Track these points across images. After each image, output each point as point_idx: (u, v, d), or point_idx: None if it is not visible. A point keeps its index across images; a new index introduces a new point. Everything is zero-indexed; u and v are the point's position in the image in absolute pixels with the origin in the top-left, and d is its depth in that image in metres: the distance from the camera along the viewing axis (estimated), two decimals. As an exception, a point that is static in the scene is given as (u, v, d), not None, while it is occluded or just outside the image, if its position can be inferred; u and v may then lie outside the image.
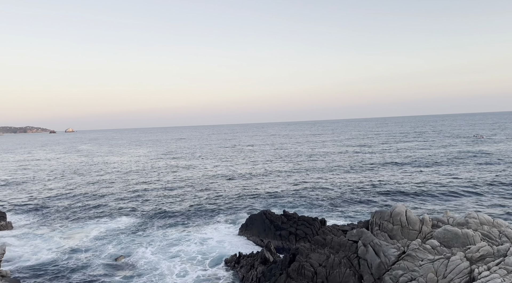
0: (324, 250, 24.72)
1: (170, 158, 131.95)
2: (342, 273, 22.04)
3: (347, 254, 23.71)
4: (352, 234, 24.87)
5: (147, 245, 38.65)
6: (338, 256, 23.57)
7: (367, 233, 23.88)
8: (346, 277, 21.83)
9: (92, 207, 57.64)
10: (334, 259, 23.15)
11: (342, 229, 28.79)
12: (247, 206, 54.16)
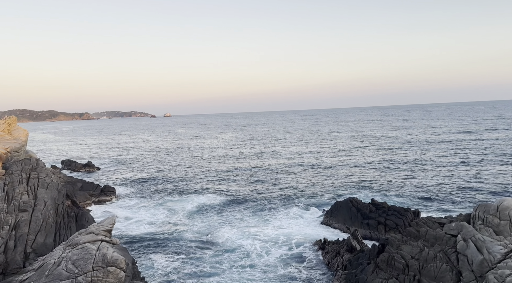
0: (417, 243, 23.06)
1: (254, 142, 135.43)
2: (438, 267, 20.34)
3: (443, 248, 21.77)
4: (450, 228, 22.70)
5: (231, 224, 40.52)
6: (433, 249, 21.78)
7: (468, 227, 21.57)
8: (442, 272, 20.10)
9: (184, 185, 62.29)
10: (428, 252, 21.47)
11: (438, 222, 26.46)
12: (331, 192, 53.15)
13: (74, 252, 21.02)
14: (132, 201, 52.21)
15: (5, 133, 46.00)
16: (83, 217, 36.36)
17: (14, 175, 33.75)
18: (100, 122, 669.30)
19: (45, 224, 29.97)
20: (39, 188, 34.08)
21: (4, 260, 24.62)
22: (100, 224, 25.08)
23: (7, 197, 30.76)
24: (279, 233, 36.95)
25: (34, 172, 35.71)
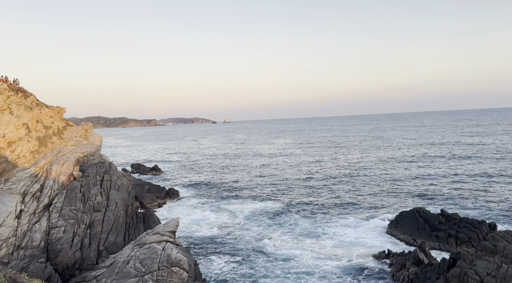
0: (493, 259, 20.98)
1: (311, 148, 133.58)
2: (520, 289, 18.30)
3: (527, 267, 19.55)
4: (535, 245, 20.35)
5: (286, 231, 40.21)
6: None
7: (559, 245, 19.15)
8: (525, 295, 18.05)
9: (241, 189, 63.24)
10: (507, 269, 19.41)
11: (520, 237, 23.88)
12: (394, 202, 50.51)
13: (142, 251, 22.27)
14: (194, 204, 54.21)
15: (83, 138, 50.46)
16: (150, 218, 38.46)
17: (89, 177, 36.82)
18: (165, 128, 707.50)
19: (116, 224, 32.19)
20: (111, 189, 36.77)
21: (80, 256, 26.83)
22: (165, 225, 26.33)
23: (83, 198, 33.62)
24: (337, 242, 35.92)
25: (107, 174, 38.63)
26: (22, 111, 40.82)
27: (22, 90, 44.46)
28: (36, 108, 43.37)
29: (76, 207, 31.32)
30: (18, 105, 41.14)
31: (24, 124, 40.02)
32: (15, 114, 39.79)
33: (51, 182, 34.03)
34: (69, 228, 28.82)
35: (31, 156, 38.34)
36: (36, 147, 39.45)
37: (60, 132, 45.47)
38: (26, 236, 27.34)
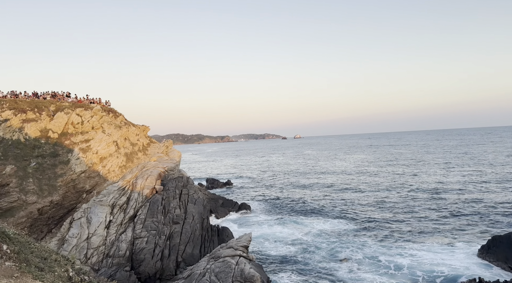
0: None
1: (387, 165, 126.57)
2: None
3: None
4: None
5: (359, 251, 38.13)
6: None
7: None
8: None
9: (312, 206, 61.96)
10: None
11: None
12: (485, 224, 45.31)
13: (217, 265, 22.82)
14: (264, 219, 54.48)
15: (164, 154, 54.13)
16: (224, 232, 39.47)
17: (169, 191, 39.15)
18: (238, 144, 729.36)
19: (193, 236, 33.57)
20: (189, 203, 38.62)
21: (160, 267, 28.36)
22: (238, 240, 26.76)
23: (164, 210, 35.76)
24: (416, 265, 33.12)
25: (185, 188, 40.74)
26: (112, 130, 45.18)
27: (112, 111, 49.37)
28: (125, 127, 47.67)
29: (157, 219, 33.37)
30: (109, 124, 45.66)
31: (114, 142, 44.17)
32: (107, 133, 44.18)
33: (136, 194, 36.81)
34: (151, 238, 30.73)
35: (119, 171, 42.05)
36: (123, 162, 43.17)
37: (144, 148, 49.26)
38: (114, 245, 29.72)
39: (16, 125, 38.73)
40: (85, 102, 47.20)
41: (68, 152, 38.79)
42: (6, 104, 41.02)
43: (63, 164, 37.05)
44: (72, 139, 40.85)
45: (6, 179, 31.96)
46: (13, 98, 42.82)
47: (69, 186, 35.38)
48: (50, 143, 39.11)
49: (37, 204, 30.92)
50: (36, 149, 37.21)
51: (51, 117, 41.74)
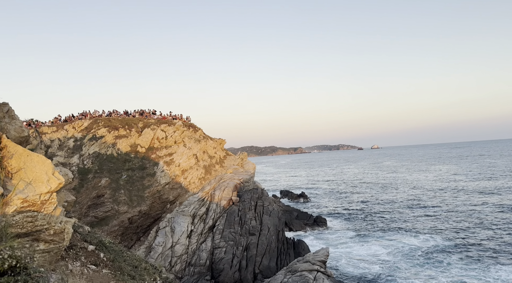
0: None
1: (476, 176, 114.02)
2: None
3: None
4: None
5: (446, 274, 34.36)
6: None
7: None
8: None
9: (394, 221, 58.02)
10: None
11: None
12: None
13: (294, 279, 22.38)
14: (341, 234, 52.44)
15: (239, 166, 55.53)
16: (300, 245, 38.82)
17: (245, 202, 39.84)
18: (311, 155, 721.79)
19: (269, 248, 33.55)
20: (264, 214, 38.84)
21: (239, 278, 28.73)
22: (315, 254, 26.02)
23: (240, 221, 36.42)
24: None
25: (260, 200, 41.13)
26: (192, 144, 47.69)
27: (192, 126, 52.25)
28: (203, 141, 50.04)
29: (234, 229, 34.05)
30: (190, 138, 48.29)
31: (194, 155, 46.53)
32: (187, 147, 46.76)
33: (215, 205, 38.10)
34: (229, 249, 31.39)
35: (199, 182, 44.06)
36: (202, 174, 45.16)
37: (221, 161, 51.08)
38: (195, 254, 30.94)
39: (110, 141, 42.96)
40: (169, 119, 50.71)
41: (154, 165, 41.78)
42: (102, 122, 45.82)
43: (150, 176, 39.97)
44: (157, 153, 44.01)
45: (101, 190, 35.42)
46: (107, 117, 47.72)
47: (155, 196, 37.98)
48: (139, 157, 42.58)
49: (127, 213, 33.67)
50: (127, 163, 40.75)
51: (139, 133, 45.55)
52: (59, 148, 40.61)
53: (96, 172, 38.19)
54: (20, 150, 4.65)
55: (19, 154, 4.62)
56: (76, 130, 43.99)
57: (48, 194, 4.62)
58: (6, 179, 4.46)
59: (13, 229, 4.15)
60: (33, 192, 4.50)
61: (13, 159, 4.54)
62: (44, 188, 4.59)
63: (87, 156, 40.33)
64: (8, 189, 4.38)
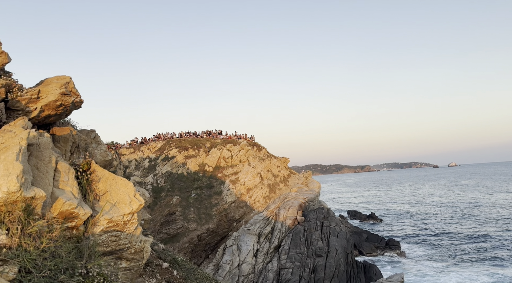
0: None
1: None
2: None
3: None
4: None
5: None
6: None
7: None
8: None
9: (479, 247, 52.35)
10: None
11: None
12: None
13: (365, 306, 21.16)
14: (417, 260, 48.65)
15: (304, 185, 54.84)
16: (371, 269, 36.77)
17: (311, 222, 39.03)
18: (380, 174, 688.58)
19: (338, 272, 32.26)
20: (331, 235, 37.62)
21: (306, 299, 27.93)
22: (388, 280, 24.41)
23: (306, 242, 35.66)
24: None
25: (326, 220, 40.00)
26: (256, 163, 48.38)
27: (256, 145, 53.14)
28: (267, 159, 50.52)
29: (300, 250, 33.42)
30: (254, 157, 49.08)
31: (258, 174, 47.07)
32: (252, 165, 47.53)
33: (280, 225, 37.89)
34: (295, 270, 30.81)
35: (263, 201, 44.31)
36: (267, 193, 45.39)
37: (285, 179, 50.97)
38: (262, 274, 30.85)
39: (180, 161, 45.33)
40: (234, 138, 52.24)
41: (221, 184, 43.05)
42: (173, 143, 48.66)
43: (217, 195, 41.19)
44: (223, 172, 45.36)
45: (173, 208, 37.26)
46: (178, 138, 50.58)
47: (222, 214, 38.94)
48: (206, 176, 44.25)
49: (196, 230, 34.88)
50: (196, 181, 42.53)
51: (207, 153, 47.49)
52: (136, 168, 43.81)
53: (168, 190, 40.38)
54: (106, 174, 5.15)
55: (105, 177, 5.12)
56: (151, 151, 47.21)
57: (130, 214, 5.02)
58: (95, 201, 4.95)
59: (100, 247, 4.56)
60: (117, 213, 4.91)
61: (100, 182, 5.04)
62: (127, 209, 4.99)
63: (160, 175, 42.90)
64: (96, 210, 4.85)
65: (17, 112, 5.47)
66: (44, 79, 6.29)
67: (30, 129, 4.78)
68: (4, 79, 5.36)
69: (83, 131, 7.40)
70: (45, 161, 4.51)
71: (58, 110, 5.92)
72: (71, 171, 4.62)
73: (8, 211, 3.64)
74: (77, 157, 6.56)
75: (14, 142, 4.07)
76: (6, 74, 5.82)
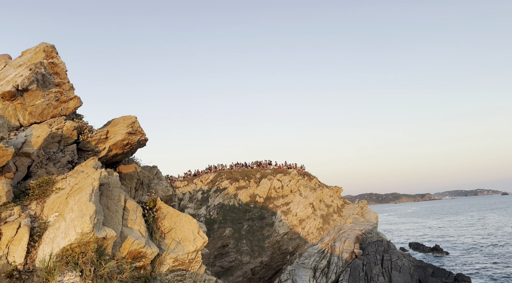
0: None
1: None
2: None
3: None
4: None
5: None
6: None
7: None
8: None
9: None
10: None
11: None
12: None
13: None
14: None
15: (359, 216, 52.40)
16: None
17: (370, 255, 36.80)
18: (442, 202, 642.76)
19: (402, 311, 29.75)
20: (393, 270, 35.08)
21: None
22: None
23: (366, 277, 33.51)
24: None
25: (387, 253, 37.51)
26: (308, 192, 47.37)
27: (307, 174, 52.25)
28: (319, 189, 49.32)
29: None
30: (305, 187, 48.17)
31: (310, 204, 45.93)
32: (303, 195, 46.57)
33: (336, 258, 36.18)
34: (356, 308, 28.93)
35: (317, 233, 42.85)
36: (320, 224, 43.92)
37: (339, 210, 49.17)
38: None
39: (232, 192, 45.67)
40: (284, 168, 51.89)
41: (272, 215, 42.48)
42: (224, 175, 49.36)
43: (269, 226, 40.59)
44: (274, 202, 44.86)
45: (226, 240, 37.17)
46: (229, 170, 51.28)
47: (274, 247, 38.09)
48: (258, 207, 43.98)
49: (250, 264, 34.29)
50: (247, 213, 42.39)
51: (257, 183, 47.47)
52: (189, 200, 44.77)
53: (220, 222, 40.55)
54: (171, 210, 5.16)
55: (170, 214, 5.13)
56: (203, 183, 48.17)
57: (195, 252, 4.94)
58: (160, 238, 4.95)
59: (166, 287, 4.49)
60: (182, 251, 4.85)
61: (165, 219, 5.06)
62: (191, 247, 4.92)
63: (212, 207, 43.38)
64: (162, 248, 4.83)
65: (88, 152, 5.76)
66: (111, 120, 6.63)
67: (100, 169, 4.96)
68: (76, 122, 5.70)
69: (146, 167, 7.64)
70: (115, 200, 4.62)
71: (125, 149, 6.15)
72: (138, 209, 4.68)
73: (81, 252, 3.71)
74: (141, 193, 6.73)
75: (87, 183, 4.22)
76: (78, 117, 6.21)
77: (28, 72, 5.03)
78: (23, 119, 5.10)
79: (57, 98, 5.43)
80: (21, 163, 4.46)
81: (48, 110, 5.34)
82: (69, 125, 5.39)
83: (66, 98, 5.54)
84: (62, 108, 5.48)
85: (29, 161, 4.59)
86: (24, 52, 5.97)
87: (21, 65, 5.29)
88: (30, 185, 4.36)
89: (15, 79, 4.96)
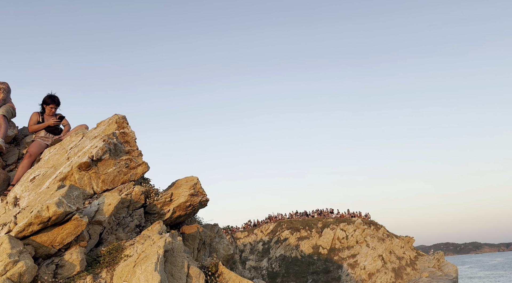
0: None
1: None
2: None
3: None
4: None
5: None
6: None
7: None
8: None
9: None
10: None
11: None
12: None
13: None
14: None
15: (436, 269, 47.33)
16: None
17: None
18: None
19: None
20: None
21: None
22: None
23: None
24: None
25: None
26: (376, 243, 44.27)
27: (373, 223, 49.16)
28: (388, 239, 45.92)
29: None
30: (372, 237, 45.18)
31: (379, 256, 42.68)
32: (371, 246, 43.56)
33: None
34: None
35: (390, 288, 39.20)
36: (392, 279, 40.32)
37: (412, 262, 45.05)
38: None
39: (293, 243, 44.18)
40: (347, 217, 49.50)
41: (338, 268, 40.02)
42: (284, 225, 48.25)
43: (335, 281, 38.13)
44: (339, 254, 42.41)
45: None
46: (289, 219, 50.12)
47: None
48: (321, 259, 41.81)
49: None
50: (311, 266, 40.42)
51: (319, 233, 45.56)
52: (250, 251, 44.04)
53: (283, 275, 39.00)
54: (233, 276, 5.06)
55: (232, 280, 5.02)
56: (264, 233, 47.36)
57: (259, 324, 4.68)
58: (222, 308, 4.81)
59: None
60: (246, 323, 4.63)
61: (228, 286, 4.95)
62: (255, 318, 4.68)
63: (274, 259, 42.11)
64: (225, 320, 4.66)
65: (154, 215, 5.99)
66: (175, 181, 6.93)
67: (165, 233, 5.08)
68: (144, 186, 6.01)
69: (207, 226, 7.72)
70: (178, 266, 4.65)
71: (187, 211, 6.31)
72: (201, 276, 4.65)
73: (147, 324, 3.71)
74: (203, 253, 6.73)
75: (152, 251, 4.33)
76: (145, 181, 6.58)
77: (102, 143, 5.49)
78: (97, 187, 5.50)
79: (127, 165, 5.83)
80: (93, 231, 4.74)
81: (119, 177, 5.72)
82: (137, 190, 5.69)
83: (135, 165, 5.93)
84: (132, 174, 5.85)
85: (101, 228, 4.86)
86: (99, 123, 6.60)
87: (96, 137, 5.82)
88: (101, 252, 4.56)
89: (90, 151, 5.44)
